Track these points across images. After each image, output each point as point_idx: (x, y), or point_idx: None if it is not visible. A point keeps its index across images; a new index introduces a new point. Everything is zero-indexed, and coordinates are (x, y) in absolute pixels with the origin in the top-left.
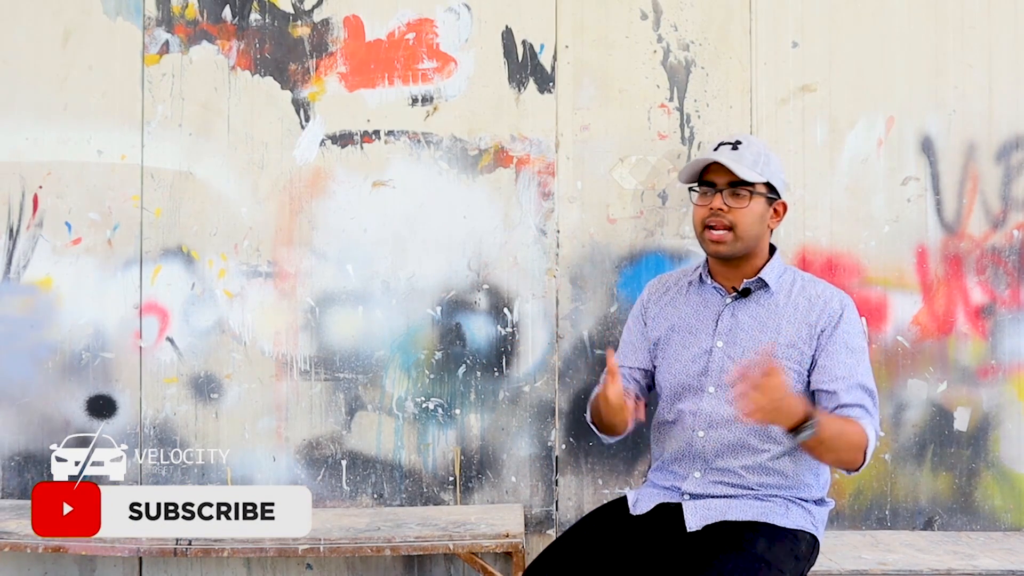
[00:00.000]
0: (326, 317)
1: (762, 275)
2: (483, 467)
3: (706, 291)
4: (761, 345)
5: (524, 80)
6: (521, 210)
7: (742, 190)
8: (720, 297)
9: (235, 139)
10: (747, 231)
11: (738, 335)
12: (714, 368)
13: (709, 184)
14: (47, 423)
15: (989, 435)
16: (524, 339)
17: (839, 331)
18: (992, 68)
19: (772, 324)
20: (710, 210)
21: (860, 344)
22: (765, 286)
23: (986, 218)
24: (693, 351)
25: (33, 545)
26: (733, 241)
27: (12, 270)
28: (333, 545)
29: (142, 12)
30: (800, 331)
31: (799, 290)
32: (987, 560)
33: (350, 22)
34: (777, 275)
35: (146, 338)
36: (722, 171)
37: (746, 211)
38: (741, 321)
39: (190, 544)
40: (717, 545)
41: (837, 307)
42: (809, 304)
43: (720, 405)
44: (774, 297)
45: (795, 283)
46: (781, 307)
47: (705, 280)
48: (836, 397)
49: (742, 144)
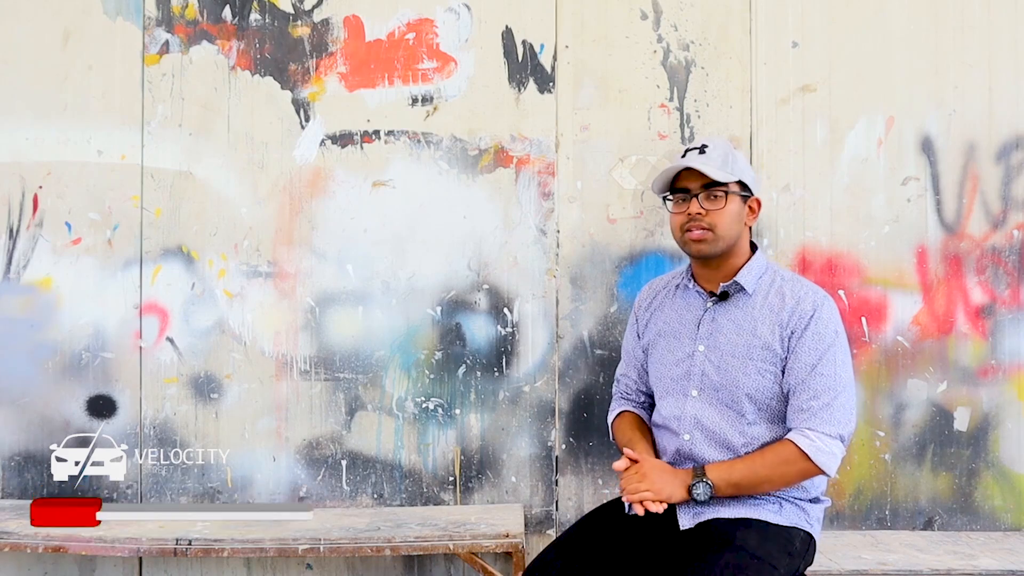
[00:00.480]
0: (326, 317)
1: (738, 278)
2: (483, 467)
3: (690, 295)
4: (737, 350)
5: (524, 80)
6: (521, 210)
7: (717, 191)
8: (702, 301)
9: (235, 139)
10: (727, 231)
11: (718, 339)
12: (695, 372)
13: (683, 191)
14: (47, 423)
15: (989, 435)
16: (524, 339)
17: (808, 332)
18: (992, 68)
19: (748, 326)
20: (688, 216)
21: (831, 344)
22: (743, 288)
23: (986, 218)
24: (677, 355)
25: (33, 545)
26: (714, 240)
27: (12, 270)
28: (333, 545)
29: (142, 12)
30: (773, 332)
31: (775, 290)
32: (987, 560)
33: (350, 22)
34: (756, 276)
35: (146, 338)
36: (694, 176)
37: (723, 212)
38: (721, 325)
39: (190, 544)
40: (709, 542)
41: (809, 308)
42: (782, 304)
43: (703, 408)
44: (752, 299)
45: (773, 283)
46: (758, 309)
47: (689, 285)
48: (795, 398)
49: (708, 147)
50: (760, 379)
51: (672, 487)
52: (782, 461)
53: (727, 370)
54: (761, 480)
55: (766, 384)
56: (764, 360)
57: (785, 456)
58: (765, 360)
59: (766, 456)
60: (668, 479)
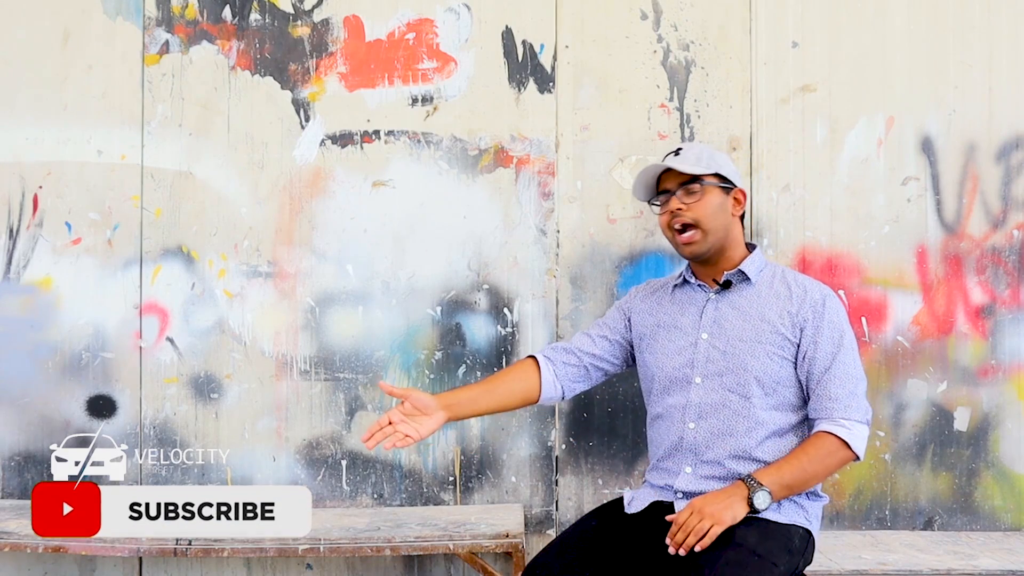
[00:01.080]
0: (326, 317)
1: (742, 267)
2: (483, 467)
3: (690, 289)
4: (745, 334)
5: (524, 80)
6: (521, 210)
7: (692, 186)
8: (704, 293)
9: (235, 139)
10: (711, 223)
11: (723, 325)
12: (699, 359)
13: (664, 192)
14: (47, 423)
15: (989, 435)
16: (524, 339)
17: (825, 323)
18: (992, 68)
19: (755, 313)
20: (671, 213)
21: (844, 333)
22: (746, 278)
23: (986, 218)
24: (679, 344)
25: (33, 545)
26: (703, 238)
27: (12, 270)
28: (333, 545)
29: (142, 12)
30: (783, 319)
31: (780, 280)
32: (987, 560)
33: (350, 22)
34: (758, 268)
35: (146, 338)
36: (671, 176)
37: (703, 203)
38: (724, 312)
39: (190, 544)
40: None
41: (818, 297)
42: (789, 293)
43: (708, 394)
44: (755, 288)
45: (776, 275)
46: (763, 296)
47: (689, 280)
48: (821, 388)
49: (683, 149)
50: (769, 362)
51: (732, 509)
52: (826, 454)
53: (735, 354)
54: (809, 476)
55: (774, 368)
56: (774, 344)
57: (828, 448)
58: (775, 344)
59: (809, 452)
60: (722, 504)
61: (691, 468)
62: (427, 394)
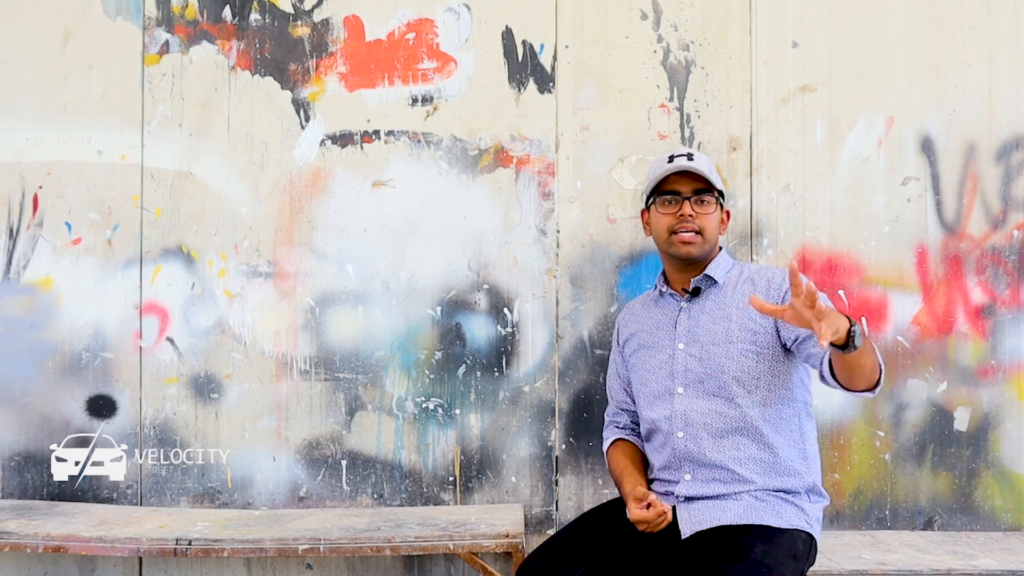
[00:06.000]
0: (326, 317)
1: (708, 271)
2: (483, 467)
3: (663, 301)
4: (717, 337)
5: (524, 80)
6: (521, 210)
7: (707, 196)
8: (675, 302)
9: (235, 139)
10: (712, 235)
11: (696, 333)
12: (679, 370)
13: (673, 193)
14: (47, 423)
15: (989, 435)
16: (524, 339)
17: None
18: (992, 68)
19: (724, 314)
20: (678, 217)
21: None
22: (714, 282)
23: (986, 218)
24: (659, 359)
25: (33, 545)
26: (702, 243)
27: (12, 270)
28: (333, 545)
29: (142, 12)
30: (751, 311)
31: (744, 279)
32: (987, 560)
33: (350, 22)
34: (724, 270)
35: (146, 338)
36: (683, 180)
37: (711, 216)
38: (696, 319)
39: (190, 544)
40: (714, 551)
41: (780, 277)
42: (753, 286)
43: (692, 402)
44: (723, 289)
45: (742, 274)
46: (730, 296)
47: (663, 291)
48: None
49: (694, 155)
50: (744, 360)
51: (841, 321)
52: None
53: (710, 359)
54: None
55: (750, 364)
56: (745, 341)
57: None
58: (746, 341)
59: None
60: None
61: (691, 475)
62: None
